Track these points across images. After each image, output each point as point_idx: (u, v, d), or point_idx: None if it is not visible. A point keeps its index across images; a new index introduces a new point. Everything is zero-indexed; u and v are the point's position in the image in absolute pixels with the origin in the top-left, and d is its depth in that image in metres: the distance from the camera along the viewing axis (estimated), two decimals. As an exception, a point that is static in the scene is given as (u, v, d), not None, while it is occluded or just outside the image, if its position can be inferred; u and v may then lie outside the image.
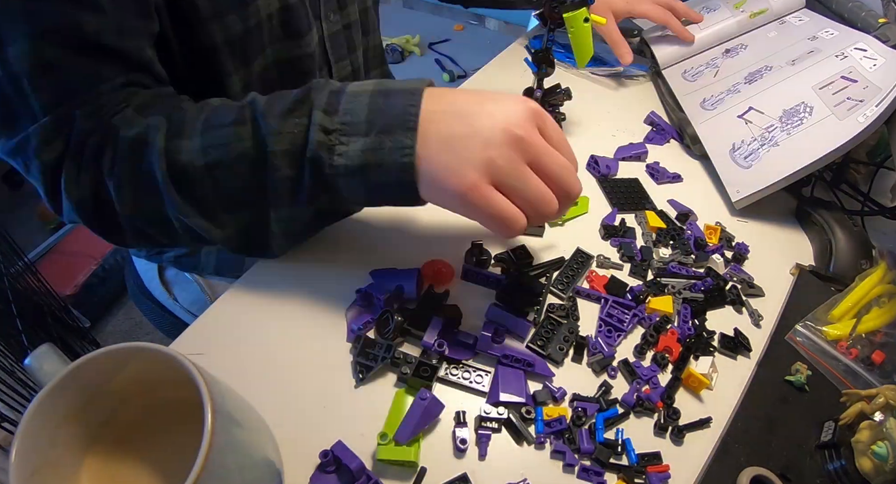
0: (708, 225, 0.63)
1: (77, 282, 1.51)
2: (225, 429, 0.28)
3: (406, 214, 0.58)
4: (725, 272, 0.58)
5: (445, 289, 0.50)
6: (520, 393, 0.45)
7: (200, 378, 0.28)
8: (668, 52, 0.85)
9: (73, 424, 0.32)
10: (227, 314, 0.49)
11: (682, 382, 0.48)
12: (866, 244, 0.61)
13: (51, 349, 0.39)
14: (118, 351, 0.30)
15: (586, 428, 0.44)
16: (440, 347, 0.45)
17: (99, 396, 0.32)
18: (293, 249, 0.54)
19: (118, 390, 0.33)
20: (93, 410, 0.33)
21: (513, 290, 0.51)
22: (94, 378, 0.31)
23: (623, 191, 0.66)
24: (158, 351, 0.30)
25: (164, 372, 0.30)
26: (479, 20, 2.67)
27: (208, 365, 0.45)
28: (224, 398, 0.30)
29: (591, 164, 0.69)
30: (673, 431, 0.45)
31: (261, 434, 0.35)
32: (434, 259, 0.53)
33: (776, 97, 0.69)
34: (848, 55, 0.66)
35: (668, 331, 0.51)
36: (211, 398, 0.27)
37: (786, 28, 0.79)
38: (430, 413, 0.42)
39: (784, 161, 0.63)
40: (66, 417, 0.31)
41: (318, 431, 0.43)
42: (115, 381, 0.33)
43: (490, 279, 0.52)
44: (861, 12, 0.73)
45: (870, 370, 0.50)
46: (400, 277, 0.50)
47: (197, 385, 0.28)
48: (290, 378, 0.45)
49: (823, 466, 0.44)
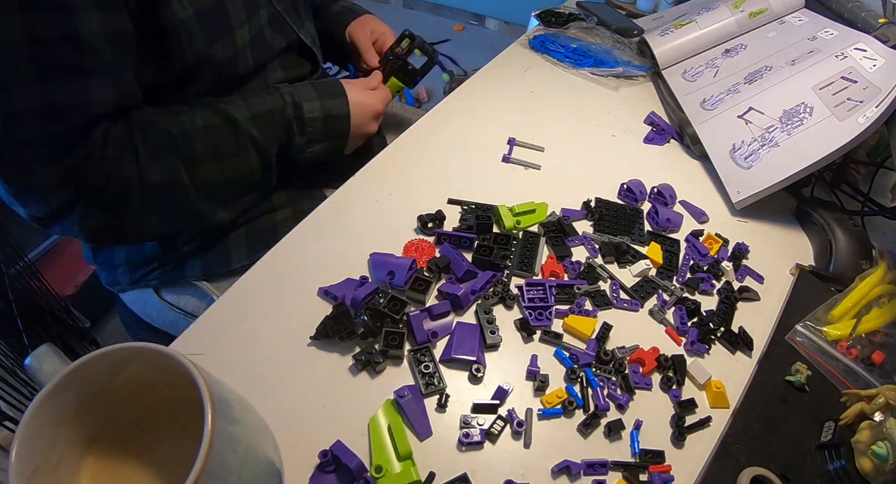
0: (710, 235, 0.62)
1: (77, 282, 1.51)
2: (225, 429, 0.28)
3: (389, 216, 0.59)
4: (737, 275, 0.59)
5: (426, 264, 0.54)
6: (471, 352, 0.47)
7: (201, 378, 0.28)
8: (668, 53, 0.85)
9: (73, 424, 0.32)
10: (227, 315, 0.49)
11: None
12: (866, 244, 0.61)
13: (51, 349, 0.39)
14: (118, 351, 0.30)
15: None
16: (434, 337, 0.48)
17: (99, 396, 0.32)
18: (292, 250, 0.54)
19: (118, 390, 0.33)
20: (93, 410, 0.33)
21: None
22: (94, 378, 0.31)
23: (612, 217, 0.62)
24: (158, 351, 0.30)
25: (163, 372, 0.30)
26: (479, 20, 2.66)
27: (208, 365, 0.45)
28: (224, 398, 0.30)
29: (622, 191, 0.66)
30: (675, 434, 0.45)
31: (261, 434, 0.35)
32: (414, 239, 0.57)
33: (776, 97, 0.69)
34: (848, 55, 0.66)
35: (650, 349, 0.50)
36: (211, 398, 0.27)
37: (785, 28, 0.79)
38: (421, 404, 0.44)
39: (784, 162, 0.63)
40: (66, 417, 0.31)
41: (317, 430, 0.43)
42: (115, 381, 0.32)
43: (462, 239, 0.56)
44: (861, 12, 0.73)
45: (870, 370, 0.50)
46: (392, 264, 0.52)
47: (197, 385, 0.28)
48: (290, 378, 0.45)
49: (823, 466, 0.44)
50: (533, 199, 0.63)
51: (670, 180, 0.68)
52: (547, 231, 0.59)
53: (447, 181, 0.64)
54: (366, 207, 0.60)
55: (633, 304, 0.54)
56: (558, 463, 0.42)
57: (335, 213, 0.59)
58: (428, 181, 0.63)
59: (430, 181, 0.63)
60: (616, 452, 0.44)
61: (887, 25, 0.67)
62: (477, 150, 0.69)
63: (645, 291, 0.55)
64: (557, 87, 0.82)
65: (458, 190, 0.63)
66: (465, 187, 0.63)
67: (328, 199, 0.60)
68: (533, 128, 0.73)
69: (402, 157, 0.66)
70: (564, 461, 0.42)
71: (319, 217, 0.58)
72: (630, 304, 0.54)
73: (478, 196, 0.62)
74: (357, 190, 0.62)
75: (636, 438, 0.44)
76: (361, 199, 0.60)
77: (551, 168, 0.68)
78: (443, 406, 0.45)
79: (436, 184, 0.63)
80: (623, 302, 0.54)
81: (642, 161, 0.72)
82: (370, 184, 0.62)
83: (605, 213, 0.62)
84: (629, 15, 1.02)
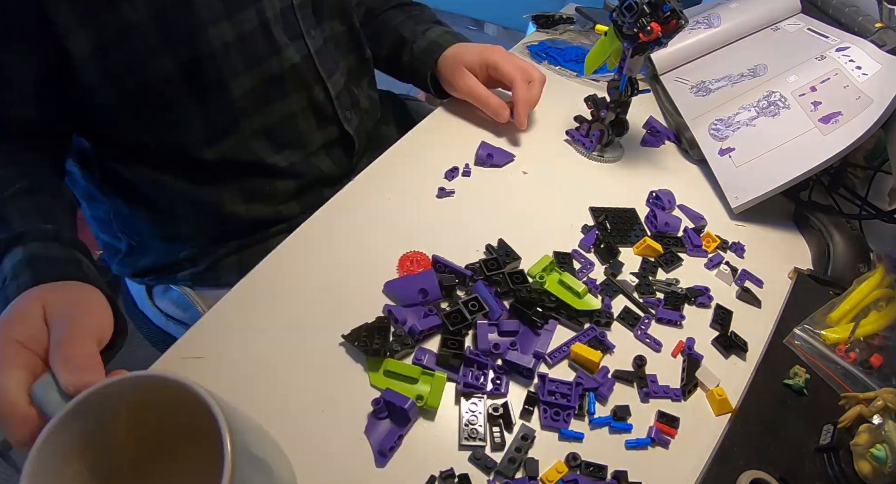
0: (709, 233, 0.63)
1: None
2: (243, 459, 0.27)
3: (382, 221, 0.59)
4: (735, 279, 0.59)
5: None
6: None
7: (217, 407, 0.27)
8: (666, 58, 0.86)
9: (79, 457, 0.31)
10: (225, 318, 0.49)
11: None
12: (864, 248, 0.61)
13: (55, 378, 0.37)
14: (125, 381, 0.30)
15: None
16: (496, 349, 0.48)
17: (106, 426, 0.31)
18: (288, 252, 0.54)
19: (126, 419, 0.32)
20: (99, 441, 0.31)
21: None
22: (100, 410, 0.30)
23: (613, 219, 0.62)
24: (167, 379, 0.29)
25: (170, 396, 0.30)
26: (477, 26, 2.68)
27: (206, 368, 0.45)
28: (240, 427, 0.29)
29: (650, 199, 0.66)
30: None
31: (278, 458, 0.34)
32: (408, 252, 0.55)
33: (774, 100, 0.69)
34: (844, 59, 0.66)
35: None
36: (229, 430, 0.27)
37: (782, 33, 0.80)
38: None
39: (783, 166, 0.63)
40: (74, 449, 0.30)
41: (316, 432, 0.43)
42: (120, 410, 0.32)
43: (456, 271, 0.53)
44: (858, 17, 0.73)
45: (868, 373, 0.50)
46: (416, 281, 0.51)
47: (215, 417, 0.27)
48: (288, 381, 0.45)
49: (822, 470, 0.44)
50: (532, 200, 0.63)
51: (668, 185, 0.68)
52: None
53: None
54: (365, 211, 0.60)
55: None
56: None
57: (334, 215, 0.59)
58: (425, 190, 0.63)
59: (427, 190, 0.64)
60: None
61: (884, 30, 0.68)
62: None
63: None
64: (556, 91, 0.82)
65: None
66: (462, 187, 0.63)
67: (329, 201, 0.60)
68: (524, 133, 0.73)
69: (401, 160, 0.67)
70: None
71: (320, 218, 0.58)
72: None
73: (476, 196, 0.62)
74: (358, 193, 0.62)
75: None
76: (365, 203, 0.61)
77: (549, 172, 0.68)
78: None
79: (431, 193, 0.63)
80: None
81: (640, 166, 0.72)
82: (372, 186, 0.63)
83: (610, 226, 0.62)
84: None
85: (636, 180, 0.69)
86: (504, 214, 0.61)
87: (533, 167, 0.68)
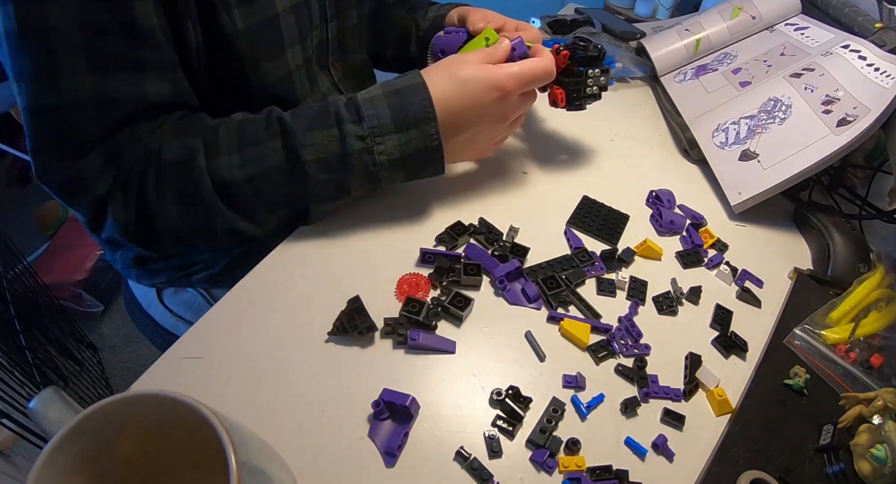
0: (706, 229, 0.63)
1: (86, 267, 1.60)
2: (245, 474, 0.27)
3: (383, 220, 0.59)
4: (735, 279, 0.59)
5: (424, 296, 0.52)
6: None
7: (222, 428, 0.27)
8: (666, 59, 0.86)
9: (83, 475, 0.30)
10: (225, 318, 0.49)
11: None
12: (864, 248, 0.61)
13: (55, 394, 0.37)
14: (126, 399, 0.29)
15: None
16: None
17: (107, 445, 0.31)
18: (288, 253, 0.54)
19: (129, 437, 0.32)
20: (104, 459, 0.31)
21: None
22: (102, 427, 0.30)
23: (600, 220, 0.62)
24: (171, 397, 0.29)
25: (175, 414, 0.29)
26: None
27: (206, 368, 0.45)
28: (245, 446, 0.29)
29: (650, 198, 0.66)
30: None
31: (277, 467, 0.33)
32: (407, 274, 0.53)
33: (773, 101, 0.69)
34: (843, 59, 0.66)
35: None
36: (234, 450, 0.26)
37: (781, 34, 0.80)
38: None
39: (783, 165, 0.63)
40: (76, 468, 0.29)
41: (316, 432, 0.43)
42: (124, 428, 0.31)
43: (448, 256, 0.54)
44: (858, 17, 0.73)
45: (868, 373, 0.50)
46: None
47: (220, 437, 0.27)
48: (288, 381, 0.45)
49: (822, 470, 0.44)
50: (529, 202, 0.63)
51: (668, 185, 0.68)
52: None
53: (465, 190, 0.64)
54: (366, 211, 0.60)
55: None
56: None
57: (335, 215, 0.59)
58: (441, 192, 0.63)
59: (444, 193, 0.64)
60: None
61: (884, 30, 0.68)
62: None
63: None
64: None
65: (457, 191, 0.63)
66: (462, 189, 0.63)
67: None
68: (528, 135, 0.73)
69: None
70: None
71: (321, 220, 0.58)
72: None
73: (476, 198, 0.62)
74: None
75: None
76: (365, 202, 0.61)
77: (548, 173, 0.68)
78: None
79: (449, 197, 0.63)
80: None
81: (640, 166, 0.72)
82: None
83: (591, 215, 0.63)
84: (627, 20, 1.03)
85: (636, 180, 0.69)
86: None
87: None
